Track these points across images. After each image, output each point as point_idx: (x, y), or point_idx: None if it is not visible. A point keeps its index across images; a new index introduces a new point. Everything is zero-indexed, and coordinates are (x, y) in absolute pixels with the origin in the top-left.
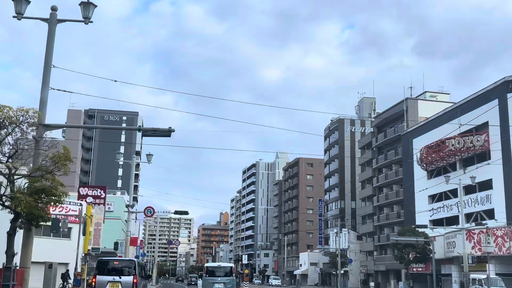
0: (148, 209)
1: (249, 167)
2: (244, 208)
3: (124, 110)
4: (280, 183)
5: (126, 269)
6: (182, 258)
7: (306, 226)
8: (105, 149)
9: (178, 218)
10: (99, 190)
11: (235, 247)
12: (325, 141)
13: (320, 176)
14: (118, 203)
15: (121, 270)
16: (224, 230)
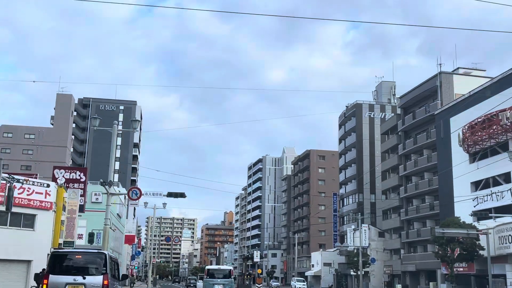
0: (134, 191)
1: (255, 163)
2: (250, 206)
3: (121, 99)
4: (289, 178)
5: (92, 266)
6: (185, 259)
7: (317, 223)
8: (100, 140)
9: (181, 219)
10: (78, 172)
11: (240, 247)
12: (339, 129)
13: (332, 170)
14: None
15: (85, 268)
16: (228, 230)
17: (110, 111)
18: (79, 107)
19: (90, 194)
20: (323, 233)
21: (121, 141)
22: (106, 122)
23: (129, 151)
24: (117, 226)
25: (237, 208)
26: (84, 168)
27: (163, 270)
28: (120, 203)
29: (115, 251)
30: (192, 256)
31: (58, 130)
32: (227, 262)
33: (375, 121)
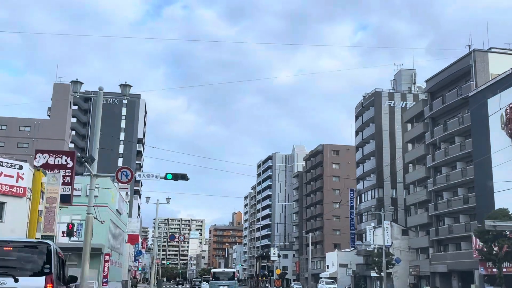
0: (123, 171)
1: (265, 160)
2: (260, 205)
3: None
4: (301, 175)
5: (29, 263)
6: (193, 261)
7: (332, 222)
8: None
9: (189, 220)
10: (64, 157)
11: (249, 248)
12: (356, 120)
13: (347, 165)
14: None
15: (18, 266)
16: (237, 230)
17: (113, 105)
18: (80, 101)
19: (85, 187)
20: (338, 232)
21: (124, 136)
22: (109, 117)
23: (133, 146)
24: (116, 223)
25: (246, 208)
26: (71, 152)
27: (171, 272)
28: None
29: (115, 250)
30: (200, 258)
31: (55, 122)
32: (235, 264)
33: (395, 110)
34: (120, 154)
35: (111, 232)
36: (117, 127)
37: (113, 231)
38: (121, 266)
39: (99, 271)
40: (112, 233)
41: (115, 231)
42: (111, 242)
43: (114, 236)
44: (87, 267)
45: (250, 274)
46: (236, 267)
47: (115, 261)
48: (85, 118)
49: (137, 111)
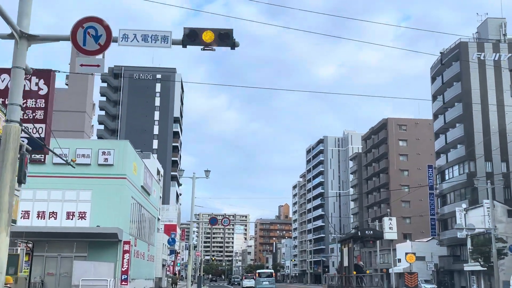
0: None
1: (315, 145)
2: (310, 195)
3: (158, 67)
4: (359, 156)
5: None
6: (239, 257)
7: (400, 209)
8: (134, 114)
9: (233, 215)
10: (35, 79)
11: (300, 241)
12: (432, 83)
13: (416, 142)
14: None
15: None
16: (284, 224)
17: (145, 80)
18: (109, 77)
19: (97, 152)
20: (408, 221)
21: (159, 116)
22: (141, 94)
23: (169, 126)
24: (142, 203)
25: (295, 198)
26: (47, 71)
27: (216, 268)
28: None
29: (142, 240)
30: (246, 254)
31: (74, 92)
32: (284, 259)
33: (486, 63)
34: (155, 136)
35: (134, 214)
36: (151, 105)
37: (138, 214)
38: (152, 260)
39: (116, 265)
40: (136, 217)
41: (140, 215)
42: (134, 228)
43: (139, 220)
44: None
45: (302, 270)
46: (286, 263)
47: (141, 253)
48: (115, 96)
49: (172, 87)
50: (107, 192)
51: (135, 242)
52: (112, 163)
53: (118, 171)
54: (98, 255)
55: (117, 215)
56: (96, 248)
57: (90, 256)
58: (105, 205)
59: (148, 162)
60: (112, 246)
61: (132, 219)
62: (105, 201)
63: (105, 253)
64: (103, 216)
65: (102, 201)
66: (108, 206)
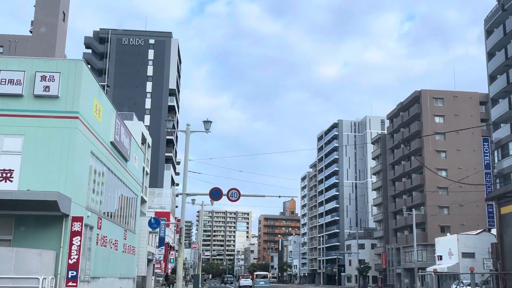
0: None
1: (327, 130)
2: (322, 186)
3: (151, 30)
4: (383, 138)
5: None
6: (241, 256)
7: (437, 197)
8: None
9: (234, 212)
10: None
11: (310, 238)
12: (487, 37)
13: (455, 118)
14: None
15: None
16: (291, 220)
17: (136, 46)
18: (94, 42)
19: (33, 76)
20: (446, 211)
21: (152, 87)
22: (131, 62)
23: (163, 99)
24: (114, 169)
25: (304, 191)
26: None
27: (216, 267)
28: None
29: (114, 222)
30: (249, 252)
31: (41, 39)
32: (292, 257)
33: None
34: (147, 110)
35: (98, 181)
36: (143, 75)
37: (107, 184)
38: (131, 252)
39: (58, 256)
40: (102, 187)
41: (111, 185)
42: (99, 203)
43: (109, 193)
44: None
45: (312, 269)
46: (293, 261)
47: (113, 240)
48: (101, 64)
49: (167, 54)
50: (47, 139)
51: (99, 223)
52: (56, 93)
53: (67, 106)
54: (31, 239)
55: (64, 176)
56: (29, 228)
57: (17, 240)
58: (44, 160)
59: (130, 124)
60: (53, 224)
61: (95, 189)
62: (45, 154)
63: (41, 235)
64: (41, 177)
65: (39, 154)
66: (50, 162)
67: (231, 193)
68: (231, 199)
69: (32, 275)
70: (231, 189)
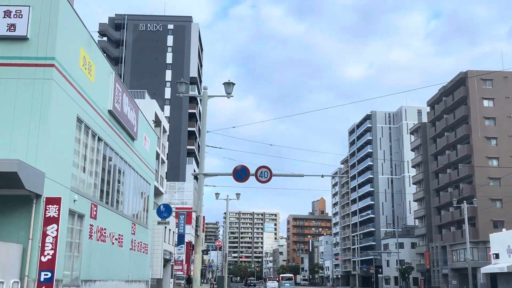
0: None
1: (359, 123)
2: (355, 182)
3: (170, 15)
4: (423, 127)
5: None
6: (269, 258)
7: (489, 189)
8: (140, 74)
9: (261, 213)
10: None
11: (342, 238)
12: None
13: (507, 101)
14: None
15: None
16: (321, 220)
17: (154, 32)
18: (109, 28)
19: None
20: (499, 204)
21: (171, 76)
22: (149, 49)
23: None
24: (114, 146)
25: (335, 188)
26: None
27: (244, 270)
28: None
29: (115, 212)
30: (277, 254)
31: None
32: (324, 258)
33: None
34: (167, 100)
35: (91, 158)
36: (161, 63)
37: (100, 163)
38: (144, 251)
39: (26, 251)
40: (98, 166)
41: (111, 166)
42: (92, 187)
43: (108, 175)
44: None
45: (345, 271)
46: (325, 263)
47: (115, 234)
48: (117, 52)
49: (187, 40)
50: (13, 95)
51: (94, 211)
52: (24, 34)
53: (39, 51)
54: None
55: (35, 143)
56: None
57: None
58: (8, 124)
59: (141, 103)
60: (20, 208)
61: (87, 167)
62: (9, 115)
63: (2, 223)
64: (4, 145)
65: (2, 115)
66: (16, 126)
67: (261, 172)
68: (260, 180)
69: None
70: (261, 167)
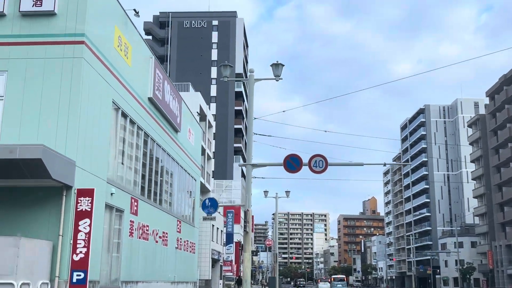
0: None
1: (412, 118)
2: (408, 179)
3: (214, 11)
4: (482, 119)
5: None
6: (320, 259)
7: None
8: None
9: (311, 214)
10: None
11: (396, 238)
12: None
13: None
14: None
15: None
16: (372, 220)
17: (198, 29)
18: (154, 27)
19: None
20: None
21: (217, 73)
22: (194, 46)
23: (229, 86)
24: (156, 137)
25: (387, 187)
26: None
27: (294, 271)
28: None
29: (159, 208)
30: (328, 255)
31: None
32: (376, 259)
33: None
34: (212, 98)
35: (128, 148)
36: (206, 60)
37: (141, 155)
38: (191, 250)
39: (56, 248)
40: (136, 160)
41: (148, 158)
42: (131, 180)
43: (147, 170)
44: None
45: (400, 272)
46: (378, 263)
47: (159, 232)
48: (162, 50)
49: (232, 35)
50: (40, 75)
51: (134, 206)
52: (52, 9)
53: (68, 27)
54: (15, 224)
55: (64, 129)
56: (13, 207)
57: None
58: (35, 107)
59: (185, 96)
60: (49, 201)
61: (124, 161)
62: (37, 98)
63: (30, 218)
64: (32, 131)
65: (29, 98)
66: (45, 109)
67: (315, 161)
68: (314, 170)
69: (1, 279)
70: (315, 156)
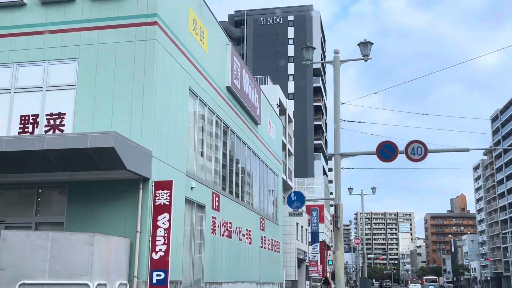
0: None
1: (504, 108)
2: (501, 174)
3: (289, 6)
4: None
5: None
6: (406, 259)
7: None
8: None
9: (395, 213)
10: None
11: (489, 236)
12: None
13: None
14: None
15: None
16: (462, 218)
17: (274, 25)
18: (230, 26)
19: None
20: None
21: (294, 69)
22: (270, 43)
23: (307, 80)
24: (234, 128)
25: (478, 182)
26: None
27: (380, 272)
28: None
29: (242, 204)
30: (415, 255)
31: None
32: (469, 259)
33: None
34: (290, 95)
35: (207, 139)
36: (283, 56)
37: (220, 146)
38: (276, 249)
39: (134, 246)
40: (216, 150)
41: (228, 150)
42: (211, 173)
43: (228, 162)
44: None
45: (496, 272)
46: (471, 264)
47: (243, 230)
48: (238, 49)
49: (309, 29)
50: (112, 61)
51: (215, 201)
52: None
53: (140, 8)
54: (91, 220)
55: (139, 117)
56: (88, 202)
57: (71, 222)
58: (108, 95)
59: (264, 89)
60: (125, 195)
61: (204, 149)
62: (109, 85)
63: (107, 213)
64: (105, 120)
65: (101, 85)
66: (118, 97)
67: (412, 148)
68: (412, 158)
69: (75, 280)
70: (412, 142)
